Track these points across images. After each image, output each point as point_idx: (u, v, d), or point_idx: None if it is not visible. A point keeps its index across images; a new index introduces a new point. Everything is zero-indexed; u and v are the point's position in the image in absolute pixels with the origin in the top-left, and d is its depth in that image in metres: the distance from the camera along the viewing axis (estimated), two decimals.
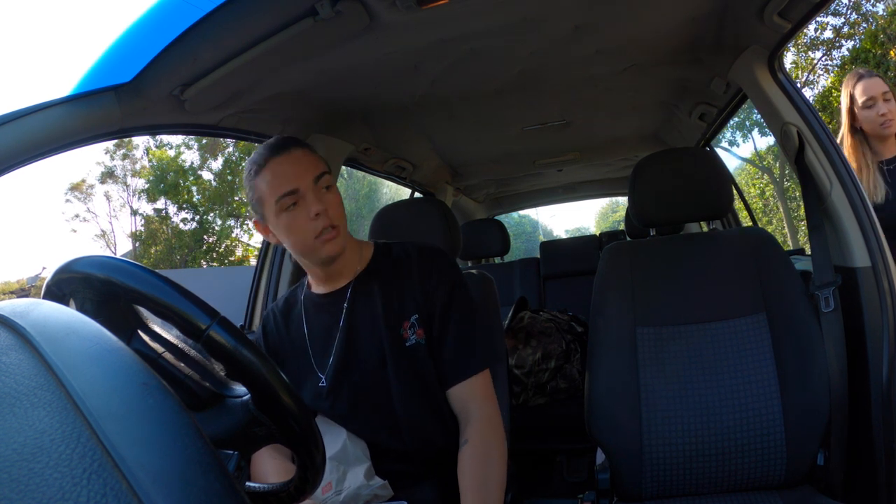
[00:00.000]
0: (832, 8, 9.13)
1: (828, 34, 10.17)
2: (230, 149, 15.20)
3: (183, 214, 15.77)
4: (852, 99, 1.68)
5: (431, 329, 1.03)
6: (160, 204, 15.87)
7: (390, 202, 1.50)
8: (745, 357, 1.13)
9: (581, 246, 3.14)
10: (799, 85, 1.23)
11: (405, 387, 1.02)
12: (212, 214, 15.74)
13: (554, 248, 3.19)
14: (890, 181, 1.64)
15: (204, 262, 15.74)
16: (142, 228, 16.09)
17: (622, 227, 3.80)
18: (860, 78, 1.68)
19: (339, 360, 1.04)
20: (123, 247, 16.99)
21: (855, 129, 1.68)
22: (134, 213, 16.33)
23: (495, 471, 0.95)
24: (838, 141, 1.43)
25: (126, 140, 15.18)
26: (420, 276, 1.04)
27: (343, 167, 1.76)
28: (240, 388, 0.55)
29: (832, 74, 9.81)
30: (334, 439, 0.99)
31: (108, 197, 16.91)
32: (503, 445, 0.99)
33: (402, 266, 1.06)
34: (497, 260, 3.14)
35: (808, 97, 1.24)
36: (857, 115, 1.67)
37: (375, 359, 1.03)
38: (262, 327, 1.15)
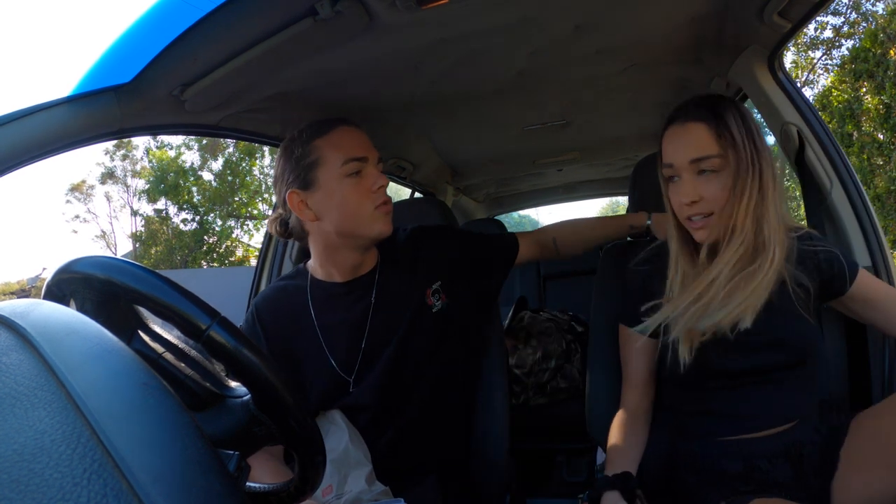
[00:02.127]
0: (832, 7, 9.13)
1: (828, 34, 10.18)
2: (230, 149, 15.20)
3: (183, 215, 15.78)
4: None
5: (457, 292, 1.07)
6: (160, 204, 15.88)
7: None
8: None
9: None
10: (799, 84, 1.23)
11: (428, 357, 1.03)
12: (212, 215, 15.73)
13: None
14: None
15: (204, 263, 15.74)
16: (142, 229, 16.11)
17: None
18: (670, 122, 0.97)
19: (368, 351, 1.01)
20: (124, 247, 17.03)
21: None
22: (134, 213, 16.36)
23: None
24: None
25: (126, 140, 15.18)
26: (432, 250, 1.08)
27: None
28: (240, 388, 0.55)
29: (832, 74, 9.81)
30: (336, 442, 0.99)
31: (108, 197, 16.96)
32: None
33: (413, 246, 1.08)
34: None
35: (807, 97, 1.24)
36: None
37: (402, 336, 1.02)
38: (254, 317, 1.06)
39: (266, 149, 14.27)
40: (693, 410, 1.00)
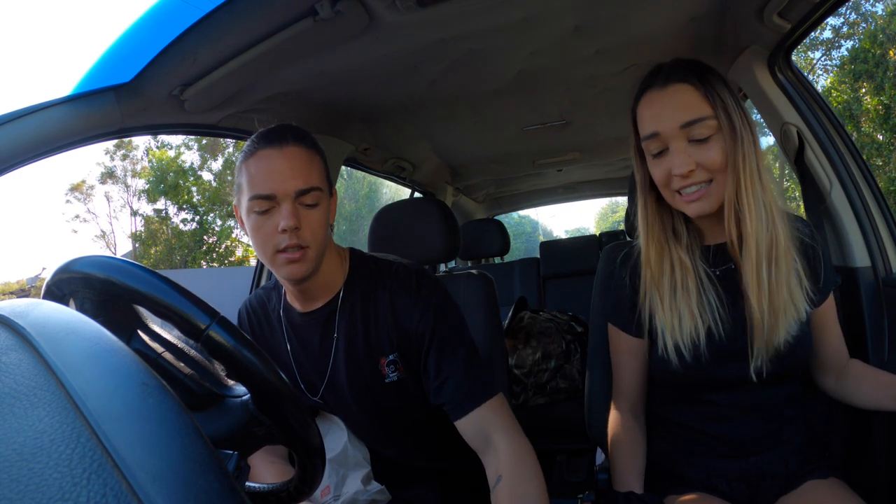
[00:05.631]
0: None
1: (827, 34, 10.20)
2: (230, 149, 15.21)
3: (183, 215, 15.81)
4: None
5: (415, 364, 0.93)
6: (160, 204, 15.90)
7: (390, 202, 1.50)
8: None
9: (581, 246, 3.14)
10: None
11: (391, 419, 0.99)
12: (212, 215, 15.75)
13: (554, 248, 3.19)
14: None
15: (204, 263, 15.75)
16: (142, 229, 16.12)
17: (622, 227, 3.80)
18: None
19: (332, 384, 0.98)
20: (123, 247, 17.03)
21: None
22: (134, 213, 16.37)
23: None
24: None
25: (126, 140, 15.20)
26: (393, 312, 0.92)
27: (343, 167, 1.76)
28: (239, 388, 0.55)
29: (831, 75, 9.82)
30: (335, 442, 0.99)
31: (108, 197, 17.02)
32: (541, 476, 0.84)
33: (376, 295, 0.94)
34: (497, 260, 3.14)
35: (819, 96, 1.24)
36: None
37: (364, 389, 0.96)
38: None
39: None
40: (670, 421, 0.97)
